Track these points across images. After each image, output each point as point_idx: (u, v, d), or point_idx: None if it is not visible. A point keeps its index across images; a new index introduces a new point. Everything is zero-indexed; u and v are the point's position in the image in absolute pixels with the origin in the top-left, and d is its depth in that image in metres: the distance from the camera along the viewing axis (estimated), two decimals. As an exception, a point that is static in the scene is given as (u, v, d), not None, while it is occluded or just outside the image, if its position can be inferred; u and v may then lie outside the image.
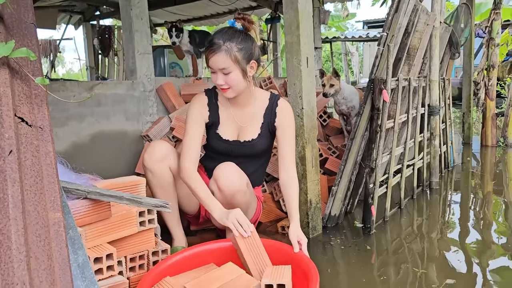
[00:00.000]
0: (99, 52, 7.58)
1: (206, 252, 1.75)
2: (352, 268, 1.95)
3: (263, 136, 2.01)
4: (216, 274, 1.55)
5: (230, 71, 1.79)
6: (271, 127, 2.00)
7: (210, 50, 1.78)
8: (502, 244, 2.15)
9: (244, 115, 2.00)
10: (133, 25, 2.96)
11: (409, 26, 2.62)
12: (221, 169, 1.88)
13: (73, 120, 2.68)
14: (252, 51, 1.83)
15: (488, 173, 3.83)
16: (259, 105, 2.00)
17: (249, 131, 2.00)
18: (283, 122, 1.98)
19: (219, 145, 2.02)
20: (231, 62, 1.77)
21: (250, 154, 2.03)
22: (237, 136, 2.01)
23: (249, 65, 1.84)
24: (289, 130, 1.99)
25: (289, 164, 1.96)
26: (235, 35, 1.79)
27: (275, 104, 1.99)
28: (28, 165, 1.16)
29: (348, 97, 3.27)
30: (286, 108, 2.00)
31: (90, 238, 1.52)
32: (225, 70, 1.78)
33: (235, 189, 1.85)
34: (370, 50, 17.70)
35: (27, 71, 1.35)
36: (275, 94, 2.04)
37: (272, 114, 1.99)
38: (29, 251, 0.99)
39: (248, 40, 1.83)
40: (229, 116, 2.00)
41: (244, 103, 1.98)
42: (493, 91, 5.14)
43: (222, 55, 1.76)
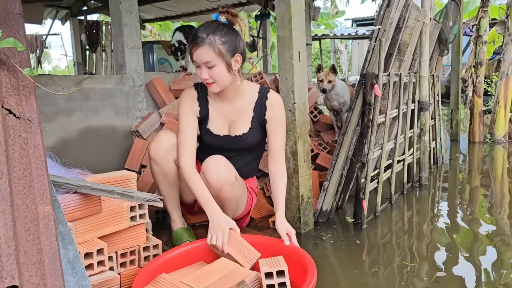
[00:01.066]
0: (86, 47, 7.47)
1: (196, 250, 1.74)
2: (343, 262, 1.95)
3: (254, 130, 2.00)
4: (211, 269, 1.55)
5: (214, 65, 1.78)
6: (261, 121, 1.99)
7: (193, 43, 1.77)
8: (490, 236, 2.17)
9: (233, 109, 1.99)
10: (122, 19, 2.92)
11: (400, 21, 2.62)
12: (208, 162, 1.88)
13: (61, 115, 2.63)
14: (236, 44, 1.81)
15: (476, 169, 3.87)
16: (248, 99, 1.99)
17: (239, 125, 1.99)
18: (273, 115, 1.97)
19: (211, 140, 2.02)
20: (214, 55, 1.76)
21: (243, 148, 2.02)
22: (228, 130, 2.00)
23: (234, 58, 1.82)
24: (280, 123, 1.98)
25: (279, 157, 1.96)
26: (218, 28, 1.78)
27: (265, 97, 1.98)
28: (16, 157, 1.13)
29: (340, 93, 3.27)
30: (276, 101, 1.99)
31: (80, 233, 1.49)
32: (209, 63, 1.77)
33: (222, 181, 1.84)
34: (359, 48, 17.75)
35: (14, 62, 1.32)
36: (265, 86, 2.03)
37: (262, 107, 1.98)
38: (18, 245, 0.96)
39: (232, 34, 1.82)
40: (219, 110, 1.99)
41: (233, 97, 1.97)
42: (481, 88, 5.19)
43: (205, 49, 1.75)
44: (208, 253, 1.75)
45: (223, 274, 1.50)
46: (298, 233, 2.24)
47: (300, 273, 1.53)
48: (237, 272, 1.53)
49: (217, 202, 1.91)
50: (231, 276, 1.50)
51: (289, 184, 2.25)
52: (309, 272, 1.45)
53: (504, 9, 5.15)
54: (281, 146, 1.98)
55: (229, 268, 1.55)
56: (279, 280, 1.44)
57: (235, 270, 1.54)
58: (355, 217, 2.42)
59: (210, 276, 1.49)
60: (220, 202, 1.91)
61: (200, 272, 1.53)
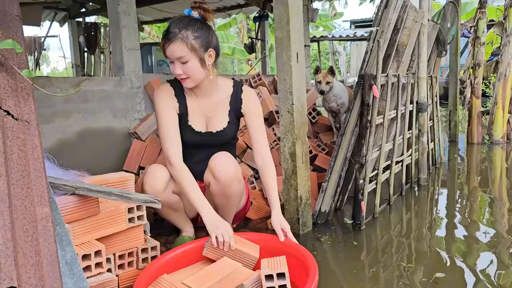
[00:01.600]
0: (84, 49, 7.48)
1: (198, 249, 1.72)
2: (342, 263, 1.95)
3: (232, 123, 2.02)
4: (213, 269, 1.54)
5: (188, 60, 1.78)
6: (238, 113, 2.01)
7: (166, 39, 1.78)
8: (488, 238, 2.17)
9: (209, 104, 2.00)
10: (121, 21, 2.92)
11: (398, 23, 2.63)
12: (217, 158, 1.89)
13: (59, 117, 2.63)
14: (209, 39, 1.82)
15: (474, 169, 3.88)
16: (224, 93, 2.00)
17: (218, 120, 2.00)
18: (250, 107, 1.99)
19: (192, 137, 2.00)
20: (187, 50, 1.77)
21: (223, 143, 2.04)
22: (206, 126, 2.01)
23: (207, 53, 1.82)
24: (257, 114, 2.01)
25: (263, 148, 1.96)
26: (190, 24, 1.79)
27: (240, 90, 2.01)
28: (14, 159, 1.13)
29: (338, 94, 3.28)
30: (251, 93, 2.02)
31: (78, 235, 1.49)
32: (182, 59, 1.78)
33: (231, 178, 1.86)
34: (357, 50, 17.79)
35: (12, 63, 1.31)
36: (238, 81, 2.05)
37: (238, 100, 2.00)
38: (16, 247, 0.96)
39: (205, 29, 1.82)
40: (196, 106, 2.00)
41: (208, 92, 1.98)
42: (479, 89, 5.20)
43: (178, 44, 1.76)
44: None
45: (224, 275, 1.50)
46: (297, 234, 2.24)
47: (302, 273, 1.53)
48: (239, 272, 1.52)
49: (222, 198, 1.92)
50: (232, 276, 1.49)
51: (288, 185, 2.25)
52: (310, 272, 1.44)
53: (502, 10, 5.16)
54: (262, 137, 1.98)
55: (230, 268, 1.54)
56: (280, 283, 1.44)
57: (237, 271, 1.53)
58: (353, 218, 2.42)
59: (212, 277, 1.48)
60: (226, 199, 1.92)
61: (201, 273, 1.52)
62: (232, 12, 7.51)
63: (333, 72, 3.21)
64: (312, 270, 1.44)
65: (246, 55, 15.42)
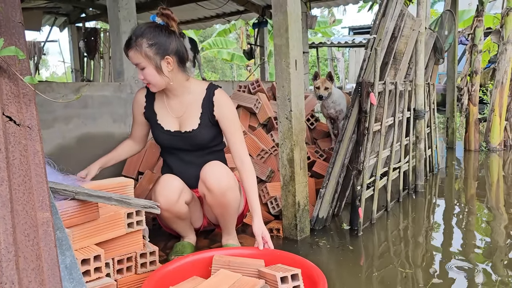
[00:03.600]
0: (84, 54, 7.50)
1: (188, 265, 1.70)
2: (339, 268, 1.96)
3: (203, 126, 2.00)
4: (215, 281, 1.53)
5: (144, 67, 1.83)
6: (211, 117, 2.00)
7: (125, 45, 1.84)
8: (485, 245, 2.19)
9: (179, 105, 2.02)
10: (121, 27, 2.95)
11: (395, 31, 2.66)
12: (207, 168, 1.89)
13: (59, 122, 2.64)
14: (166, 46, 1.83)
15: (471, 177, 3.90)
16: (195, 96, 2.01)
17: (188, 121, 2.01)
18: (221, 111, 1.99)
19: (163, 138, 2.04)
20: (142, 58, 1.80)
21: (199, 146, 2.02)
22: (178, 126, 2.03)
23: (164, 60, 1.84)
24: (231, 118, 1.99)
25: (240, 152, 1.96)
26: (147, 31, 1.81)
27: (212, 93, 2.00)
28: (16, 164, 1.14)
29: (337, 101, 3.30)
30: (223, 97, 2.01)
31: (77, 240, 1.50)
32: (139, 65, 1.83)
33: (224, 187, 1.86)
34: (356, 56, 17.86)
35: (15, 70, 1.33)
36: (214, 84, 2.06)
37: (209, 103, 1.99)
38: (17, 251, 0.98)
39: (163, 35, 1.83)
40: (164, 108, 2.03)
41: (179, 94, 2.00)
42: (476, 97, 5.24)
43: (133, 51, 1.81)
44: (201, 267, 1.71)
45: (229, 285, 1.49)
46: (295, 240, 2.26)
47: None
48: (243, 281, 1.52)
49: (219, 208, 1.93)
50: (239, 285, 1.49)
51: (286, 191, 2.27)
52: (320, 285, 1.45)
53: (499, 18, 5.21)
54: (239, 141, 1.98)
55: (233, 278, 1.54)
56: (294, 284, 1.46)
57: (241, 280, 1.53)
58: (351, 224, 2.44)
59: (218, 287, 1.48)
60: (223, 208, 1.93)
61: (204, 285, 1.50)
62: (232, 18, 7.56)
63: (331, 78, 3.23)
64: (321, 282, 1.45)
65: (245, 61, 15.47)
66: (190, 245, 2.08)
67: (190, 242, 2.10)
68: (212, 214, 2.10)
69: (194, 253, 1.76)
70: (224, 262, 1.66)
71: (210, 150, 2.08)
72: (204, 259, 1.71)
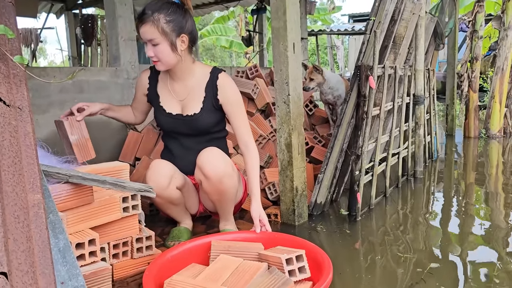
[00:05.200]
0: (81, 41, 7.42)
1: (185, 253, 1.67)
2: (338, 253, 1.94)
3: (206, 110, 1.98)
4: (217, 267, 1.51)
5: (158, 43, 1.79)
6: (214, 102, 1.98)
7: (139, 20, 1.79)
8: (483, 230, 2.18)
9: (183, 88, 2.00)
10: (117, 11, 2.90)
11: (395, 14, 2.62)
12: (204, 155, 1.87)
13: (54, 107, 2.61)
14: (183, 24, 1.82)
15: (471, 163, 3.88)
16: (199, 80, 1.99)
17: (191, 105, 1.99)
18: (226, 95, 1.97)
19: (165, 121, 2.02)
20: (158, 33, 1.77)
21: (199, 130, 2.00)
22: (180, 110, 2.01)
23: (179, 38, 1.82)
24: (236, 103, 1.98)
25: (245, 137, 1.95)
26: (164, 7, 1.79)
27: (216, 77, 1.98)
28: (6, 145, 1.12)
29: (334, 87, 3.27)
30: (227, 81, 1.99)
31: (72, 224, 1.48)
32: (153, 41, 1.79)
33: (220, 174, 1.83)
34: (356, 44, 17.73)
35: (4, 49, 1.30)
36: (218, 68, 2.03)
37: (213, 87, 1.97)
38: (7, 232, 0.95)
39: (180, 13, 1.82)
40: (168, 90, 2.01)
41: (183, 77, 1.98)
42: (476, 83, 5.20)
43: (149, 26, 1.77)
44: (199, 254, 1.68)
45: (233, 270, 1.48)
46: (292, 225, 2.24)
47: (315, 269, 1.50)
48: (246, 265, 1.50)
49: (216, 195, 1.90)
50: (242, 269, 1.47)
51: (284, 176, 2.25)
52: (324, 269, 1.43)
53: (500, 4, 5.15)
54: (244, 125, 1.97)
55: (235, 263, 1.52)
56: (299, 265, 1.45)
57: (243, 264, 1.51)
58: (349, 210, 2.42)
59: (222, 273, 1.46)
60: (220, 195, 1.90)
61: (207, 272, 1.48)
62: (230, 5, 7.47)
63: (317, 68, 3.21)
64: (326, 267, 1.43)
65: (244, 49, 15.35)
66: (186, 230, 2.07)
67: (186, 227, 2.09)
68: (209, 202, 2.08)
69: (191, 240, 1.73)
70: (223, 247, 1.64)
71: (212, 137, 2.06)
72: (202, 246, 1.69)
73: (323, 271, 1.42)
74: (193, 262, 1.65)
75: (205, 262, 1.65)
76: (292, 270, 1.45)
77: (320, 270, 1.45)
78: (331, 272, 1.40)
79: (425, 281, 1.65)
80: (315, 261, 1.51)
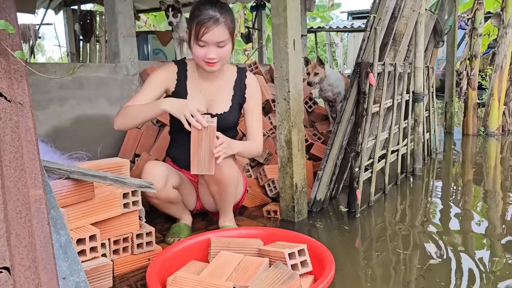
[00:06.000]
0: (80, 38, 7.39)
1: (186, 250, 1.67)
2: (337, 250, 1.95)
3: (234, 109, 2.02)
4: (219, 263, 1.51)
5: (226, 44, 1.81)
6: (241, 100, 2.02)
7: (207, 23, 1.75)
8: (482, 227, 2.19)
9: (212, 88, 2.00)
10: (116, 7, 2.89)
11: (395, 11, 2.62)
12: None
13: (54, 103, 2.61)
14: (235, 23, 1.89)
15: (469, 160, 3.89)
16: (228, 78, 2.01)
17: (219, 104, 2.00)
18: (253, 93, 2.02)
19: None
20: (228, 35, 1.80)
21: (224, 128, 1.98)
22: (206, 109, 1.99)
23: (235, 36, 1.89)
24: (258, 102, 2.04)
25: (256, 137, 1.99)
26: (225, 8, 1.82)
27: (244, 75, 2.04)
28: (7, 140, 1.12)
29: (334, 84, 3.27)
30: (254, 80, 2.06)
31: (73, 219, 1.49)
32: (222, 43, 1.80)
33: (222, 162, 1.82)
34: (355, 41, 17.70)
35: (5, 45, 1.30)
36: (241, 67, 2.07)
37: (242, 85, 2.02)
38: (9, 227, 0.96)
39: (232, 12, 1.87)
40: (197, 89, 2.00)
41: (214, 76, 1.99)
42: (475, 81, 5.20)
43: (221, 28, 1.77)
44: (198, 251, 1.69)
45: (235, 265, 1.48)
46: (292, 221, 2.25)
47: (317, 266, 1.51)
48: (248, 261, 1.50)
49: (216, 185, 1.90)
50: (244, 265, 1.48)
51: (283, 173, 2.25)
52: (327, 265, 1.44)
53: (500, 1, 5.15)
54: (259, 125, 2.01)
55: (236, 259, 1.52)
56: (301, 259, 1.47)
57: (245, 260, 1.51)
58: (348, 207, 2.43)
59: (225, 269, 1.46)
60: (220, 185, 1.90)
61: (210, 268, 1.49)
62: (229, 2, 7.45)
63: (321, 62, 3.19)
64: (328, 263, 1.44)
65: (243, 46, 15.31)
66: (186, 227, 2.07)
67: (186, 224, 2.09)
68: (208, 199, 2.08)
69: (190, 237, 1.74)
70: (223, 243, 1.64)
71: (229, 132, 2.03)
72: (202, 242, 1.70)
73: (325, 265, 1.43)
74: (193, 260, 1.65)
75: (204, 259, 1.66)
76: (295, 264, 1.46)
77: (322, 264, 1.46)
78: (333, 265, 1.41)
79: (424, 277, 1.65)
80: (316, 256, 1.52)
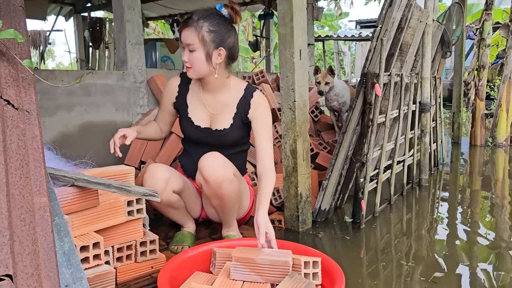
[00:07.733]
0: (89, 44, 7.48)
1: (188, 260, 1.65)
2: (341, 261, 1.93)
3: (235, 127, 1.97)
4: None
5: (195, 49, 1.79)
6: (244, 118, 1.96)
7: (183, 23, 1.81)
8: (488, 240, 2.16)
9: (216, 102, 1.98)
10: (125, 15, 2.92)
11: (402, 21, 2.62)
12: (205, 159, 1.85)
13: (61, 110, 2.63)
14: (224, 38, 1.81)
15: (476, 172, 3.86)
16: (233, 95, 1.97)
17: (221, 120, 1.98)
18: (257, 114, 1.93)
19: (190, 131, 2.01)
20: (197, 40, 1.77)
21: (222, 144, 1.99)
22: (209, 123, 1.99)
23: (217, 51, 1.81)
24: (265, 123, 1.93)
25: (265, 157, 1.87)
26: (212, 17, 1.79)
27: (250, 95, 1.96)
28: (13, 148, 1.13)
29: (340, 93, 3.27)
30: (261, 101, 1.96)
31: (77, 226, 1.49)
32: (190, 46, 1.79)
33: (220, 179, 1.81)
34: (362, 50, 17.72)
35: (14, 53, 1.31)
36: (253, 86, 2.01)
37: (246, 105, 1.96)
38: (13, 235, 0.96)
39: (225, 27, 1.82)
40: (200, 101, 1.99)
41: (216, 90, 1.96)
42: (483, 91, 5.18)
43: (190, 31, 1.77)
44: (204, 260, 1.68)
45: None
46: (296, 231, 2.24)
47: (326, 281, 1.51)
48: None
49: (216, 200, 1.89)
50: None
51: (288, 182, 2.25)
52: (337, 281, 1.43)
53: (508, 12, 5.13)
54: (267, 146, 1.89)
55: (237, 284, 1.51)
56: (313, 270, 1.47)
57: None
58: (353, 217, 2.42)
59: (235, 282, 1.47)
60: (220, 200, 1.89)
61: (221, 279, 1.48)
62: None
63: (332, 72, 3.19)
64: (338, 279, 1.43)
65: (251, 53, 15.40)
66: (190, 235, 2.07)
67: (190, 232, 2.09)
68: (211, 209, 2.08)
69: (194, 247, 1.73)
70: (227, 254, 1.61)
71: (234, 150, 2.04)
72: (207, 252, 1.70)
73: (335, 281, 1.42)
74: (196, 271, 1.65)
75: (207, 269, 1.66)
76: (307, 274, 1.45)
77: (332, 280, 1.45)
78: (343, 282, 1.40)
79: (428, 290, 1.64)
80: (326, 270, 1.52)
